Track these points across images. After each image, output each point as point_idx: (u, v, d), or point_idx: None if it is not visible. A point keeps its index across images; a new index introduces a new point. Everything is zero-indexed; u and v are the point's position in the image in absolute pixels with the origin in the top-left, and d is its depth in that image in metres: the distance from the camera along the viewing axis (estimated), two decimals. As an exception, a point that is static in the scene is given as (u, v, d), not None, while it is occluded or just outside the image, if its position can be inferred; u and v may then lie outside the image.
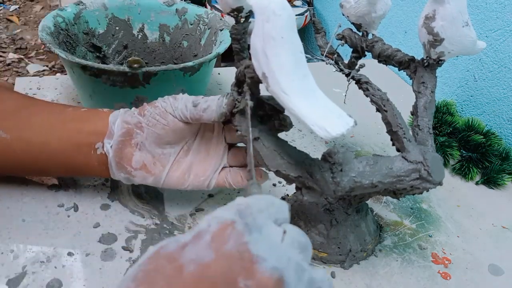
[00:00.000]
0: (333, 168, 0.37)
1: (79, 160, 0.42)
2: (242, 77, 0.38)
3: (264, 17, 0.28)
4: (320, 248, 0.44)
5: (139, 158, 0.42)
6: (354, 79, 0.41)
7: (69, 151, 0.42)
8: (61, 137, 0.42)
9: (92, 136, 0.42)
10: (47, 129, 0.42)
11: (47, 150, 0.42)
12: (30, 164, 0.43)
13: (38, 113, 0.43)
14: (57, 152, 0.42)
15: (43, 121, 0.42)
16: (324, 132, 0.28)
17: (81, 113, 0.43)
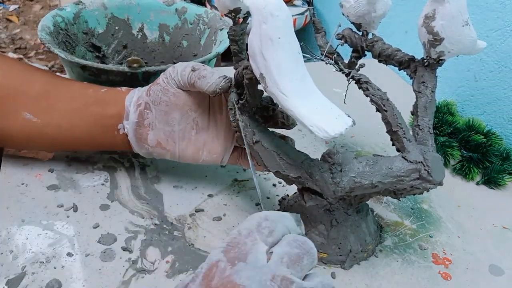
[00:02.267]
0: (332, 169, 0.37)
1: (106, 140, 0.46)
2: (240, 78, 0.38)
3: (261, 18, 0.28)
4: (320, 248, 0.44)
5: (153, 137, 0.45)
6: (354, 79, 0.41)
7: (95, 133, 0.46)
8: (88, 121, 0.45)
9: (114, 119, 0.45)
10: (74, 113, 0.45)
11: (76, 133, 0.46)
12: (62, 144, 0.47)
13: (63, 97, 0.45)
14: (85, 135, 0.46)
15: (69, 106, 0.45)
16: (323, 133, 0.28)
17: (102, 95, 0.46)
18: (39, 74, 0.47)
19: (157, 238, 0.44)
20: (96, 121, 0.45)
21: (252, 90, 0.37)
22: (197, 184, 0.52)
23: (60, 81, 0.47)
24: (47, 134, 0.45)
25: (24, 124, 0.45)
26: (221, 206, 0.49)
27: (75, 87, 0.47)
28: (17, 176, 0.49)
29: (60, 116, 0.45)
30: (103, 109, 0.45)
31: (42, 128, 0.45)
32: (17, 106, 0.44)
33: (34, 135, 0.45)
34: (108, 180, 0.51)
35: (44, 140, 0.46)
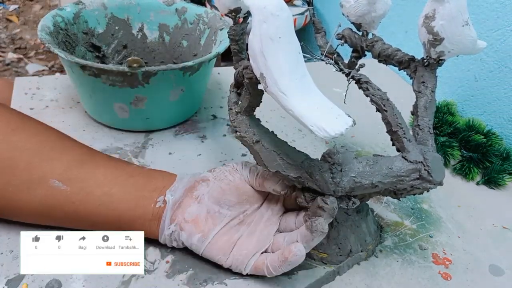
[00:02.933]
0: (332, 169, 0.37)
1: (136, 213, 0.40)
2: (240, 78, 0.38)
3: (261, 17, 0.28)
4: (320, 248, 0.44)
5: (194, 210, 0.40)
6: (354, 79, 0.41)
7: (129, 203, 0.40)
8: (125, 189, 0.41)
9: (156, 191, 0.41)
10: (111, 180, 0.41)
11: (107, 201, 0.40)
12: (85, 217, 0.41)
13: (102, 165, 0.42)
14: (117, 204, 0.40)
15: (108, 173, 0.41)
16: (323, 132, 0.28)
17: (148, 170, 0.44)
18: (76, 145, 0.43)
19: (157, 238, 0.44)
20: (135, 191, 0.41)
21: (252, 89, 0.37)
22: (197, 184, 0.52)
23: (101, 154, 0.44)
24: (73, 203, 0.40)
25: (49, 193, 0.39)
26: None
27: (118, 160, 0.44)
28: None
29: (94, 183, 0.40)
30: (147, 181, 0.42)
31: (69, 197, 0.39)
32: (44, 173, 0.39)
33: (57, 205, 0.40)
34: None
35: (66, 211, 0.40)
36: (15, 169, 0.39)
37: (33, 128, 0.42)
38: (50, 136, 0.42)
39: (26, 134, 0.41)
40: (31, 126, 0.42)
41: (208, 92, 0.69)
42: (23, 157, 0.39)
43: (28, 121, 0.43)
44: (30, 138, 0.40)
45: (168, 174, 0.44)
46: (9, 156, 0.39)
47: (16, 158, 0.39)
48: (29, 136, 0.41)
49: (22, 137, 0.40)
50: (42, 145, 0.41)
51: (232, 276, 0.41)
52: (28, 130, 0.41)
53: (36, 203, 0.40)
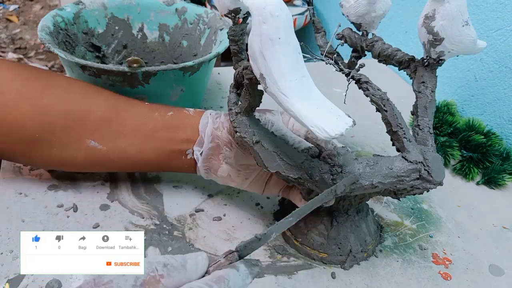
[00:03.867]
0: (332, 170, 0.37)
1: (171, 164, 0.45)
2: (240, 79, 0.38)
3: (261, 18, 0.28)
4: (320, 248, 0.44)
5: (225, 169, 0.44)
6: (354, 79, 0.41)
7: (162, 158, 0.45)
8: (155, 146, 0.44)
9: (183, 144, 0.44)
10: (140, 139, 0.44)
11: (142, 158, 0.45)
12: (127, 167, 0.47)
13: (127, 122, 0.44)
14: (151, 159, 0.45)
15: (135, 131, 0.44)
16: (323, 133, 0.28)
17: (170, 119, 0.45)
18: (100, 98, 0.45)
19: (157, 238, 0.44)
20: (164, 146, 0.44)
21: (252, 90, 0.37)
22: (197, 184, 0.52)
23: (123, 105, 0.45)
24: (112, 160, 0.44)
25: (89, 152, 0.43)
26: (221, 206, 0.49)
27: (140, 111, 0.45)
28: (17, 176, 0.49)
29: (125, 142, 0.44)
30: (171, 134, 0.44)
31: (107, 155, 0.44)
32: (79, 134, 0.43)
33: (99, 161, 0.44)
34: (108, 180, 0.51)
35: (109, 165, 0.45)
36: (53, 132, 0.42)
37: (60, 87, 0.44)
38: (75, 94, 0.44)
39: (55, 95, 0.43)
40: (57, 85, 0.44)
41: (208, 92, 0.69)
42: (57, 120, 0.42)
43: (53, 79, 0.45)
44: (59, 100, 0.43)
45: (189, 121, 0.45)
46: (45, 120, 0.42)
47: (51, 122, 0.42)
48: (58, 97, 0.43)
49: (51, 100, 0.42)
50: (70, 106, 0.43)
51: (232, 276, 0.41)
52: (56, 90, 0.43)
53: (80, 159, 0.44)
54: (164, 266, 0.27)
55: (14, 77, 0.42)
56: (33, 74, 0.44)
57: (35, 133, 0.42)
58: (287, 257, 0.44)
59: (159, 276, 0.26)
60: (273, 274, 0.42)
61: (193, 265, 0.28)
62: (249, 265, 0.30)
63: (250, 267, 0.30)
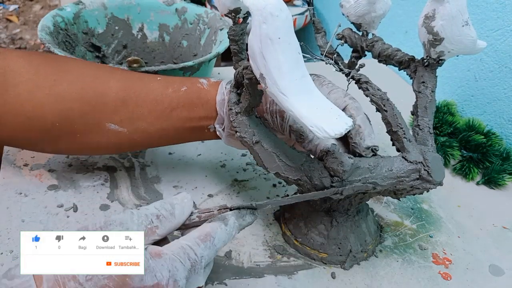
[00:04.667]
0: (333, 178, 0.37)
1: (195, 136, 0.47)
2: (240, 78, 0.38)
3: (261, 18, 0.28)
4: (320, 248, 0.44)
5: None
6: (354, 79, 0.41)
7: (184, 133, 0.46)
8: (175, 124, 0.44)
9: (202, 121, 0.45)
10: (159, 117, 0.44)
11: (164, 135, 0.45)
12: (151, 145, 0.49)
13: (142, 103, 0.44)
14: (174, 135, 0.45)
15: (151, 110, 0.44)
16: (323, 133, 0.28)
17: (184, 96, 0.44)
18: (112, 79, 0.44)
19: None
20: (184, 124, 0.44)
21: (252, 90, 0.37)
22: (197, 184, 0.52)
23: (136, 84, 0.44)
24: (136, 140, 0.45)
25: (111, 135, 0.43)
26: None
27: (154, 89, 0.44)
28: (17, 177, 0.49)
29: (145, 123, 0.44)
30: (189, 113, 0.44)
31: (130, 136, 0.44)
32: (98, 118, 0.43)
33: (123, 142, 0.45)
34: (108, 180, 0.51)
35: (134, 144, 0.46)
36: (72, 119, 0.42)
37: (72, 72, 0.44)
38: (88, 77, 0.44)
39: (68, 81, 0.43)
40: (69, 70, 0.44)
41: (208, 92, 0.69)
42: (73, 106, 0.42)
43: (65, 64, 0.44)
44: (72, 86, 0.42)
45: (204, 95, 0.44)
46: (61, 107, 0.42)
47: (68, 108, 0.42)
48: (71, 83, 0.43)
49: (65, 86, 0.42)
50: (85, 91, 0.42)
51: (232, 276, 0.41)
52: (68, 76, 0.43)
53: (104, 143, 0.44)
54: (157, 218, 0.31)
55: (27, 66, 0.42)
56: (44, 61, 0.44)
57: (55, 122, 0.42)
58: (287, 257, 0.44)
59: (155, 227, 0.30)
60: (273, 274, 0.42)
61: (180, 210, 0.32)
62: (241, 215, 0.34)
63: (242, 218, 0.34)
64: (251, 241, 0.45)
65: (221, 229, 0.32)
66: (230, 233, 0.32)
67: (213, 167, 0.55)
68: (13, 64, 0.42)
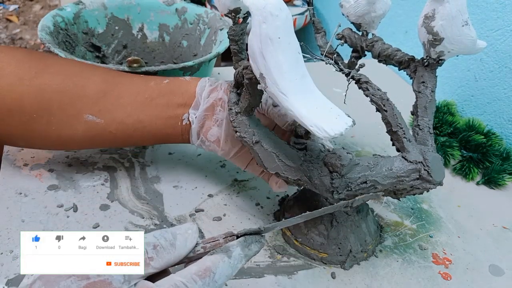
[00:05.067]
0: (333, 175, 0.37)
1: (167, 132, 0.46)
2: (240, 78, 0.38)
3: (261, 18, 0.28)
4: (320, 248, 0.44)
5: (215, 133, 0.45)
6: (354, 79, 0.41)
7: (159, 125, 0.45)
8: (152, 114, 0.44)
9: (179, 109, 0.45)
10: (137, 108, 0.44)
11: (140, 127, 0.45)
12: (125, 140, 0.47)
13: (123, 94, 0.44)
14: (149, 128, 0.45)
15: (132, 101, 0.44)
16: (322, 133, 0.28)
17: (166, 86, 0.45)
18: (95, 73, 0.45)
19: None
20: (160, 113, 0.45)
21: (252, 90, 0.37)
22: (197, 184, 0.52)
23: (118, 78, 0.45)
24: (111, 132, 0.44)
25: (87, 126, 0.44)
26: (221, 206, 0.49)
27: (136, 82, 0.46)
28: (17, 176, 0.49)
29: (123, 113, 0.44)
30: (168, 100, 0.45)
31: (106, 127, 0.44)
32: (77, 110, 0.43)
33: (98, 135, 0.44)
34: (108, 180, 0.51)
35: (108, 138, 0.45)
36: (50, 110, 0.42)
37: (54, 66, 0.44)
38: (70, 71, 0.44)
39: (50, 74, 0.43)
40: (52, 64, 0.44)
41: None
42: (53, 97, 0.42)
43: (47, 59, 0.45)
44: (54, 78, 0.43)
45: (185, 86, 0.45)
46: (41, 99, 0.42)
47: (48, 100, 0.42)
48: (53, 76, 0.43)
49: (47, 79, 0.43)
50: (66, 83, 0.43)
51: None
52: (50, 69, 0.43)
53: (79, 136, 0.44)
54: (153, 248, 0.27)
55: (9, 60, 0.42)
56: (27, 56, 0.44)
57: (33, 113, 0.42)
58: (287, 257, 0.44)
59: (149, 259, 0.27)
60: (273, 274, 0.42)
61: (182, 241, 0.28)
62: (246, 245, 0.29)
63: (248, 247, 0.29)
64: (251, 241, 0.45)
65: (223, 262, 0.28)
66: (234, 266, 0.28)
67: (213, 167, 0.55)
68: None
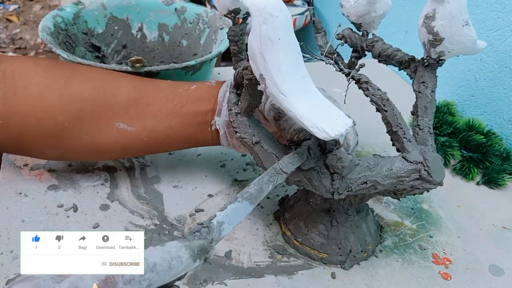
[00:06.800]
0: (333, 176, 0.37)
1: (198, 137, 0.46)
2: (240, 79, 0.38)
3: (260, 18, 0.28)
4: (320, 248, 0.44)
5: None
6: (354, 79, 0.41)
7: (190, 131, 0.46)
8: (182, 121, 0.45)
9: (208, 115, 0.45)
10: (167, 115, 0.45)
11: (171, 134, 0.45)
12: (156, 147, 0.47)
13: (153, 101, 0.45)
14: (180, 135, 0.46)
15: (161, 108, 0.45)
16: (323, 133, 0.28)
17: (194, 92, 0.46)
18: (123, 81, 0.45)
19: (157, 238, 0.44)
20: (191, 120, 0.45)
21: (252, 90, 0.37)
22: (197, 184, 0.52)
23: (146, 85, 0.46)
24: (142, 140, 0.45)
25: (119, 134, 0.44)
26: (221, 206, 0.49)
27: (164, 89, 0.46)
28: (17, 176, 0.49)
29: (154, 121, 0.44)
30: (197, 107, 0.45)
31: (137, 135, 0.44)
32: (108, 118, 0.43)
33: (129, 143, 0.45)
34: (108, 180, 0.51)
35: (140, 146, 0.46)
36: (82, 119, 0.43)
37: (82, 75, 0.44)
38: (99, 79, 0.44)
39: (79, 83, 0.43)
40: (80, 73, 0.44)
41: (208, 92, 0.69)
42: (85, 106, 0.42)
43: (74, 68, 0.45)
44: (84, 86, 0.43)
45: (211, 91, 0.46)
46: (73, 108, 0.42)
47: (79, 108, 0.42)
48: (82, 84, 0.43)
49: (77, 87, 0.43)
50: (96, 91, 0.43)
51: (232, 276, 0.41)
52: (79, 78, 0.44)
53: (111, 145, 0.44)
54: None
55: (35, 69, 0.42)
56: (53, 65, 0.44)
57: (65, 122, 0.42)
58: (287, 257, 0.44)
59: None
60: (273, 274, 0.42)
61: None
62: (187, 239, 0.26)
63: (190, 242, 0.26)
64: (251, 241, 0.45)
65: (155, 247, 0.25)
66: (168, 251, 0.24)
67: (213, 167, 0.55)
68: (21, 68, 0.42)
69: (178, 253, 0.24)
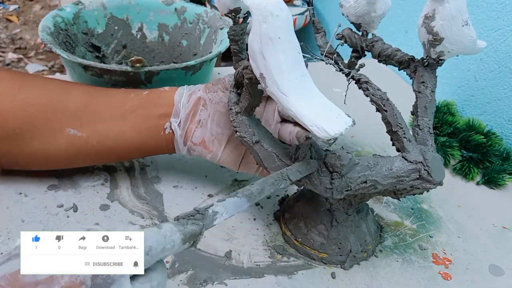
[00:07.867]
0: (333, 175, 0.37)
1: (151, 143, 0.46)
2: (240, 78, 0.38)
3: (261, 18, 0.28)
4: (320, 248, 0.44)
5: (199, 134, 0.45)
6: (354, 79, 0.41)
7: (141, 136, 0.45)
8: (134, 125, 0.45)
9: (161, 119, 0.45)
10: (119, 120, 0.44)
11: (122, 140, 0.45)
12: (108, 154, 0.46)
13: (104, 106, 0.45)
14: (132, 140, 0.45)
15: (112, 113, 0.45)
16: (323, 132, 0.28)
17: (146, 97, 0.46)
18: (76, 88, 0.46)
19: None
20: (142, 124, 0.45)
21: (252, 90, 0.37)
22: (197, 184, 0.52)
23: (98, 91, 0.46)
24: (93, 146, 0.44)
25: (70, 140, 0.44)
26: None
27: (116, 95, 0.46)
28: (17, 176, 0.49)
29: (104, 126, 0.44)
30: (149, 111, 0.45)
31: (88, 141, 0.44)
32: (59, 124, 0.43)
33: (80, 149, 0.45)
34: (108, 180, 0.51)
35: (90, 153, 0.45)
36: (33, 124, 0.43)
37: (36, 83, 0.45)
38: (52, 87, 0.45)
39: (32, 90, 0.44)
40: (34, 81, 0.45)
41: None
42: (36, 112, 0.43)
43: (29, 77, 0.46)
44: (36, 93, 0.44)
45: (164, 95, 0.45)
46: (24, 113, 0.43)
47: (31, 114, 0.43)
48: (35, 91, 0.44)
49: (29, 94, 0.43)
50: (48, 98, 0.44)
51: (232, 276, 0.41)
52: (33, 85, 0.44)
53: (62, 151, 0.44)
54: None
55: None
56: (8, 74, 0.45)
57: (16, 127, 0.42)
58: (287, 257, 0.44)
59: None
60: (273, 274, 0.42)
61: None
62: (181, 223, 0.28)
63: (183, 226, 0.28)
64: (251, 241, 0.45)
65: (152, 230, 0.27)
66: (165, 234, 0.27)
67: (213, 167, 0.55)
68: None
69: (172, 237, 0.27)
